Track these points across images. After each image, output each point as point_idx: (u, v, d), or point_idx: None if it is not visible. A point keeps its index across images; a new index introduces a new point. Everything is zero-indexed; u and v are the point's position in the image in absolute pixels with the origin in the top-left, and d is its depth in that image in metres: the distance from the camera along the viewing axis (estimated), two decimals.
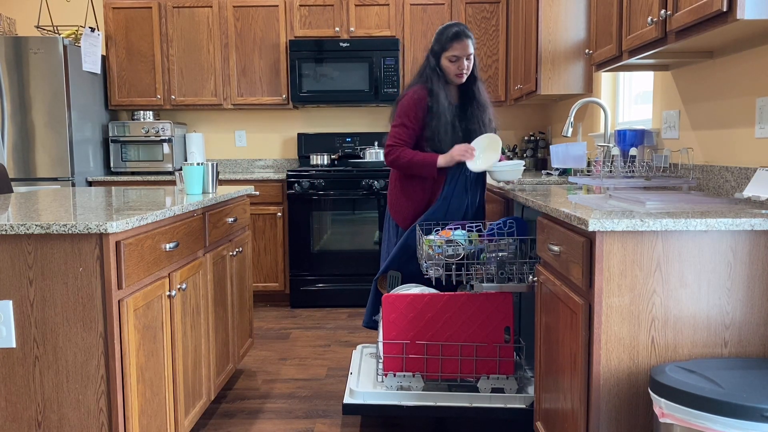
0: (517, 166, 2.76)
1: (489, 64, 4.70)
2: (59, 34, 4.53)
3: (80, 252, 1.74)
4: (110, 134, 4.66)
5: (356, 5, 4.63)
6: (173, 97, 4.73)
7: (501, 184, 2.97)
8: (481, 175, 2.88)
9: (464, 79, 2.81)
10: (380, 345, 2.54)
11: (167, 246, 2.10)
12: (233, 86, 4.73)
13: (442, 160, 2.75)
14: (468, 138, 2.85)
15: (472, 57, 2.78)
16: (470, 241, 2.50)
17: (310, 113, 5.13)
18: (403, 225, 2.92)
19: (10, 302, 1.75)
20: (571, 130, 3.09)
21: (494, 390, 2.49)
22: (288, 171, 4.47)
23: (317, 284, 4.53)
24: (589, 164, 3.54)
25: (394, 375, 2.52)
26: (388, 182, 4.39)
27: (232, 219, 2.89)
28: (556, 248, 1.93)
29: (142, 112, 4.77)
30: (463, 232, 2.54)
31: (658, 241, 1.63)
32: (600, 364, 1.67)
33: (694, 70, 2.52)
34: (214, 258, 2.62)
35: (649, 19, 2.03)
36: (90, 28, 4.43)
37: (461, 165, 2.76)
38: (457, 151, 2.73)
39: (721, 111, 2.33)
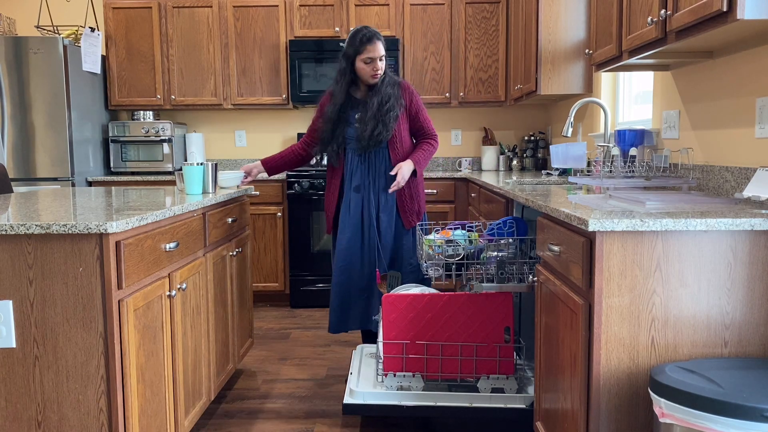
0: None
1: (489, 64, 4.70)
2: (59, 34, 4.53)
3: (80, 252, 1.74)
4: (110, 134, 4.66)
5: (356, 5, 4.63)
6: (173, 97, 4.73)
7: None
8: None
9: (378, 80, 2.95)
10: (380, 345, 2.54)
11: (167, 246, 2.10)
12: (233, 86, 4.73)
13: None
14: (352, 130, 2.99)
15: (384, 58, 2.94)
16: (470, 241, 2.50)
17: (310, 113, 5.12)
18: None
19: (10, 302, 1.75)
20: (571, 130, 3.09)
21: (494, 390, 2.49)
22: (288, 171, 4.47)
23: (317, 284, 4.53)
24: (589, 164, 3.54)
25: (394, 375, 2.52)
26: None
27: (232, 219, 2.89)
28: (556, 248, 1.93)
29: (142, 112, 4.77)
30: (463, 232, 2.54)
31: (658, 241, 1.63)
32: (600, 364, 1.67)
33: (694, 70, 2.52)
34: (214, 258, 2.62)
35: (649, 19, 2.03)
36: (90, 28, 4.43)
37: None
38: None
39: (721, 111, 2.33)
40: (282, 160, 3.19)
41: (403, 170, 2.89)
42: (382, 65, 2.93)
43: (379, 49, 2.90)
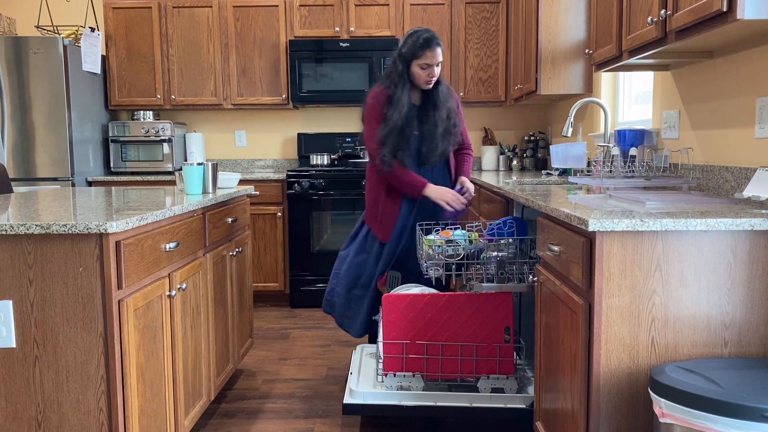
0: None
1: (489, 64, 4.70)
2: (59, 34, 4.53)
3: (80, 252, 1.74)
4: (110, 134, 4.66)
5: (356, 5, 4.63)
6: (173, 97, 4.73)
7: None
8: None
9: (432, 86, 2.85)
10: (380, 345, 2.54)
11: (167, 246, 2.10)
12: (233, 86, 4.73)
13: (430, 191, 2.82)
14: (421, 139, 2.86)
15: (440, 64, 2.83)
16: (470, 241, 2.50)
17: (310, 113, 5.13)
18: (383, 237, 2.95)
19: (10, 302, 1.75)
20: (571, 130, 3.09)
21: (494, 390, 2.49)
22: (288, 171, 4.47)
23: (317, 284, 4.53)
24: (589, 164, 3.54)
25: (394, 375, 2.52)
26: None
27: (232, 219, 2.89)
28: (556, 248, 1.93)
29: (142, 112, 4.77)
30: (463, 232, 2.54)
31: (658, 241, 1.63)
32: (600, 364, 1.67)
33: (694, 70, 2.52)
34: (214, 258, 2.62)
35: (649, 19, 2.03)
36: (90, 28, 4.43)
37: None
38: (449, 196, 2.82)
39: (721, 111, 2.33)
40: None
41: (470, 185, 2.90)
42: (438, 71, 2.81)
43: (438, 55, 2.78)
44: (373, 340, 3.20)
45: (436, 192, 2.81)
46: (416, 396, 2.46)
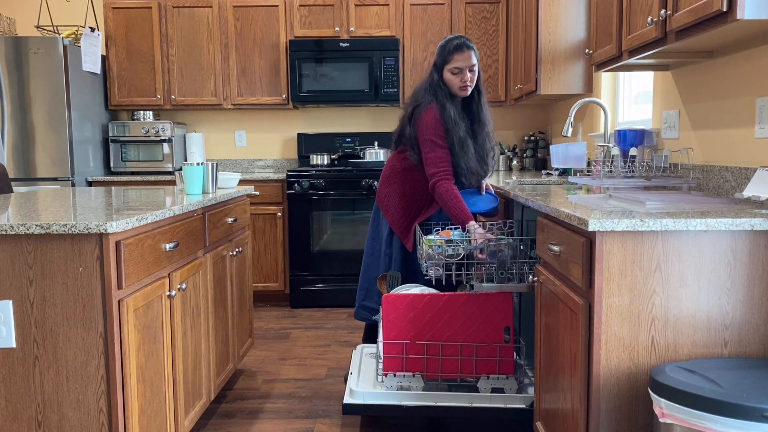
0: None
1: (489, 64, 4.70)
2: (59, 34, 4.53)
3: (80, 252, 1.74)
4: (110, 134, 4.66)
5: (356, 5, 4.63)
6: (173, 97, 4.73)
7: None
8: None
9: (468, 92, 2.75)
10: (380, 345, 2.54)
11: (167, 246, 2.10)
12: (233, 86, 4.73)
13: (471, 227, 2.58)
14: (484, 154, 2.81)
15: (476, 69, 2.73)
16: (470, 241, 2.50)
17: (310, 113, 5.13)
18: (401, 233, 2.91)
19: (10, 302, 1.75)
20: (571, 130, 3.09)
21: (494, 390, 2.49)
22: (288, 171, 4.47)
23: (317, 284, 4.53)
24: (589, 164, 3.54)
25: (394, 375, 2.52)
26: None
27: (232, 219, 2.89)
28: (556, 248, 1.93)
29: (142, 112, 4.77)
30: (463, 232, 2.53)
31: (658, 241, 1.63)
32: (600, 364, 1.67)
33: (694, 70, 2.52)
34: (214, 258, 2.62)
35: (649, 19, 2.03)
36: (90, 28, 4.43)
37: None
38: (479, 234, 2.53)
39: (721, 111, 2.33)
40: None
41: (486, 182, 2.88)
42: (472, 76, 2.72)
43: (469, 57, 2.69)
44: (368, 339, 3.20)
45: (475, 231, 2.55)
46: (416, 396, 2.46)
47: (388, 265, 2.94)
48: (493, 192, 2.84)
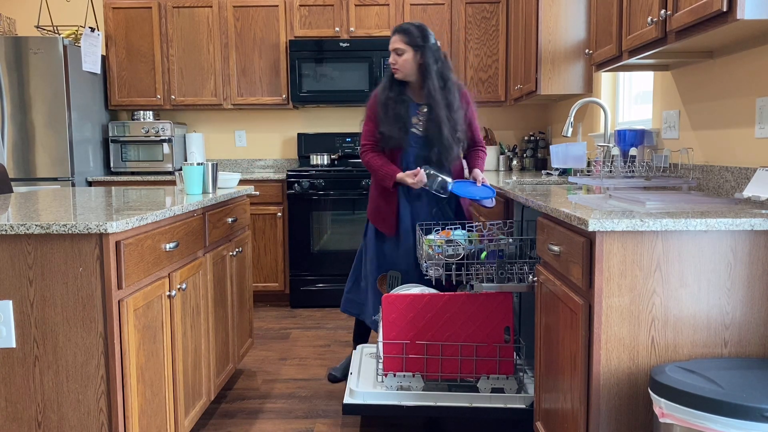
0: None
1: (489, 64, 4.70)
2: (59, 34, 4.53)
3: (80, 252, 1.74)
4: (110, 134, 4.66)
5: (356, 5, 4.63)
6: (173, 97, 4.73)
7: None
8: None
9: (398, 74, 2.83)
10: (380, 345, 2.54)
11: (167, 246, 2.10)
12: (233, 86, 4.73)
13: (399, 176, 2.79)
14: (427, 141, 2.84)
15: (401, 52, 2.80)
16: (470, 241, 2.50)
17: (310, 113, 5.13)
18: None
19: (10, 302, 1.75)
20: (571, 130, 3.09)
21: (494, 390, 2.49)
22: (288, 171, 4.47)
23: (317, 284, 4.53)
24: (589, 164, 3.54)
25: (394, 375, 2.52)
26: None
27: (232, 219, 2.89)
28: (556, 248, 1.93)
29: (142, 112, 4.77)
30: (463, 231, 2.54)
31: (658, 241, 1.63)
32: (600, 364, 1.67)
33: (694, 70, 2.52)
34: (214, 258, 2.62)
35: (649, 19, 2.03)
36: (90, 28, 4.43)
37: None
38: (409, 179, 2.76)
39: (721, 111, 2.33)
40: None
41: (481, 174, 2.87)
42: (397, 58, 2.80)
43: (395, 41, 2.82)
44: (359, 340, 3.20)
45: (404, 179, 2.77)
46: (416, 396, 2.46)
47: (359, 255, 3.08)
48: (489, 184, 2.83)
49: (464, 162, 3.04)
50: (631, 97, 3.46)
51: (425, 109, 2.85)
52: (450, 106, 2.81)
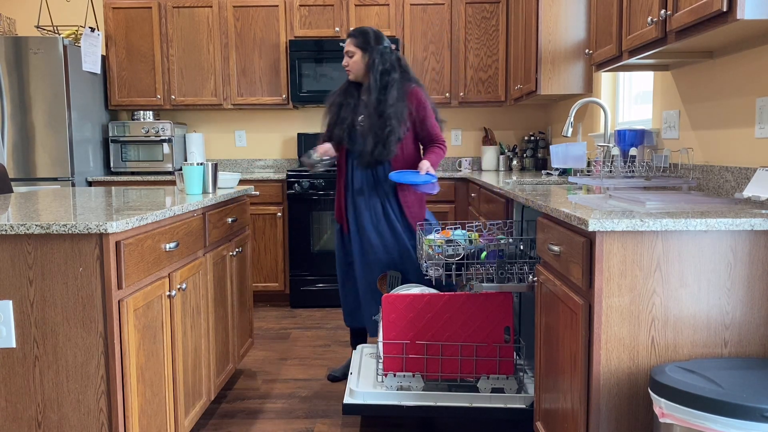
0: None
1: (489, 64, 4.70)
2: (59, 34, 4.53)
3: (80, 252, 1.74)
4: (110, 134, 4.66)
5: (356, 5, 4.63)
6: (173, 97, 4.73)
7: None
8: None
9: (350, 74, 3.02)
10: (380, 345, 2.54)
11: (167, 246, 2.10)
12: (233, 86, 4.73)
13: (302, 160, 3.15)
14: (357, 130, 3.00)
15: (351, 53, 2.97)
16: (470, 241, 2.50)
17: (310, 113, 5.13)
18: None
19: (10, 302, 1.75)
20: (571, 130, 3.09)
21: (494, 390, 2.49)
22: (288, 171, 4.47)
23: (317, 284, 4.53)
24: (589, 164, 3.54)
25: (394, 375, 2.52)
26: None
27: (232, 219, 2.89)
28: (556, 248, 1.93)
29: (142, 112, 4.77)
30: (463, 231, 2.54)
31: (658, 241, 1.63)
32: (600, 364, 1.67)
33: (694, 70, 2.52)
34: (214, 258, 2.62)
35: (649, 19, 2.03)
36: (90, 28, 4.43)
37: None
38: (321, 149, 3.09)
39: (721, 111, 2.33)
40: None
41: (426, 165, 2.89)
42: (349, 60, 2.98)
43: (347, 44, 2.99)
44: (357, 341, 3.23)
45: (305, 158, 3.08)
46: (416, 396, 2.46)
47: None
48: (433, 173, 2.87)
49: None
50: (631, 97, 3.46)
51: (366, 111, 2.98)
52: (382, 102, 2.89)
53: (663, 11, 1.96)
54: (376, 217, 2.97)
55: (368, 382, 2.62)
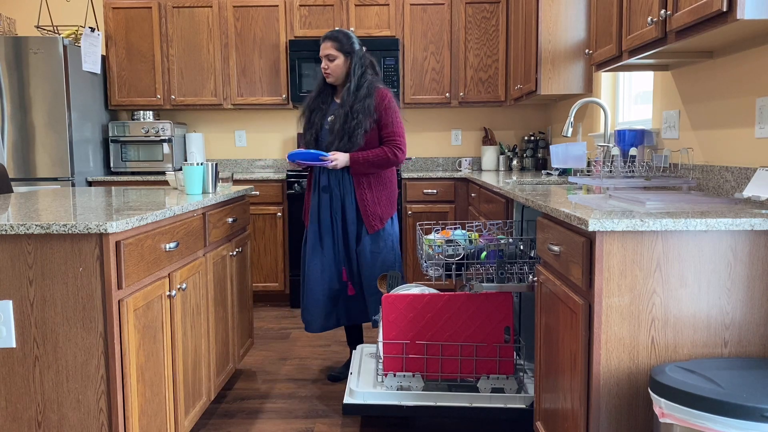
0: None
1: (489, 64, 4.70)
2: (59, 34, 4.53)
3: (80, 252, 1.74)
4: (110, 134, 4.66)
5: (356, 5, 4.63)
6: (173, 97, 4.73)
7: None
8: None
9: (330, 78, 3.03)
10: (380, 345, 2.54)
11: (167, 246, 2.10)
12: (233, 86, 4.73)
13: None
14: (325, 128, 3.05)
15: (332, 57, 2.98)
16: (470, 241, 2.50)
17: None
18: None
19: (10, 302, 1.75)
20: (571, 130, 3.09)
21: (494, 390, 2.49)
22: (288, 171, 4.46)
23: None
24: (589, 164, 3.54)
25: (394, 375, 2.52)
26: None
27: (232, 219, 2.89)
28: (556, 248, 1.93)
29: (142, 112, 4.77)
30: (463, 232, 2.54)
31: (658, 241, 1.63)
32: (600, 364, 1.67)
33: (694, 70, 2.52)
34: (214, 258, 2.62)
35: (649, 19, 2.03)
36: (90, 28, 4.43)
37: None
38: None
39: (721, 111, 2.33)
40: None
41: (338, 157, 2.93)
42: (329, 64, 2.99)
43: (324, 48, 2.99)
44: (354, 343, 3.23)
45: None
46: (416, 396, 2.46)
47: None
48: (328, 155, 2.92)
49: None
50: (631, 97, 3.46)
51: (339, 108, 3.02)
52: (355, 103, 2.94)
53: (663, 11, 1.96)
54: (334, 215, 3.02)
55: (368, 382, 2.62)
